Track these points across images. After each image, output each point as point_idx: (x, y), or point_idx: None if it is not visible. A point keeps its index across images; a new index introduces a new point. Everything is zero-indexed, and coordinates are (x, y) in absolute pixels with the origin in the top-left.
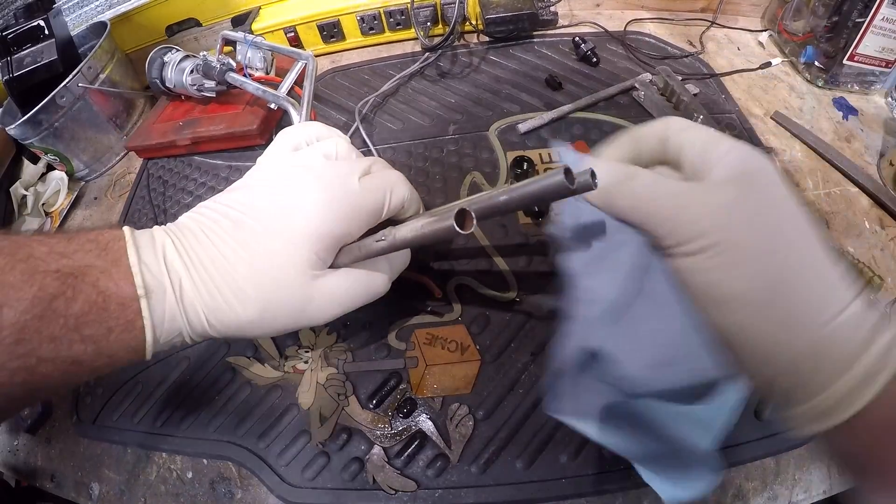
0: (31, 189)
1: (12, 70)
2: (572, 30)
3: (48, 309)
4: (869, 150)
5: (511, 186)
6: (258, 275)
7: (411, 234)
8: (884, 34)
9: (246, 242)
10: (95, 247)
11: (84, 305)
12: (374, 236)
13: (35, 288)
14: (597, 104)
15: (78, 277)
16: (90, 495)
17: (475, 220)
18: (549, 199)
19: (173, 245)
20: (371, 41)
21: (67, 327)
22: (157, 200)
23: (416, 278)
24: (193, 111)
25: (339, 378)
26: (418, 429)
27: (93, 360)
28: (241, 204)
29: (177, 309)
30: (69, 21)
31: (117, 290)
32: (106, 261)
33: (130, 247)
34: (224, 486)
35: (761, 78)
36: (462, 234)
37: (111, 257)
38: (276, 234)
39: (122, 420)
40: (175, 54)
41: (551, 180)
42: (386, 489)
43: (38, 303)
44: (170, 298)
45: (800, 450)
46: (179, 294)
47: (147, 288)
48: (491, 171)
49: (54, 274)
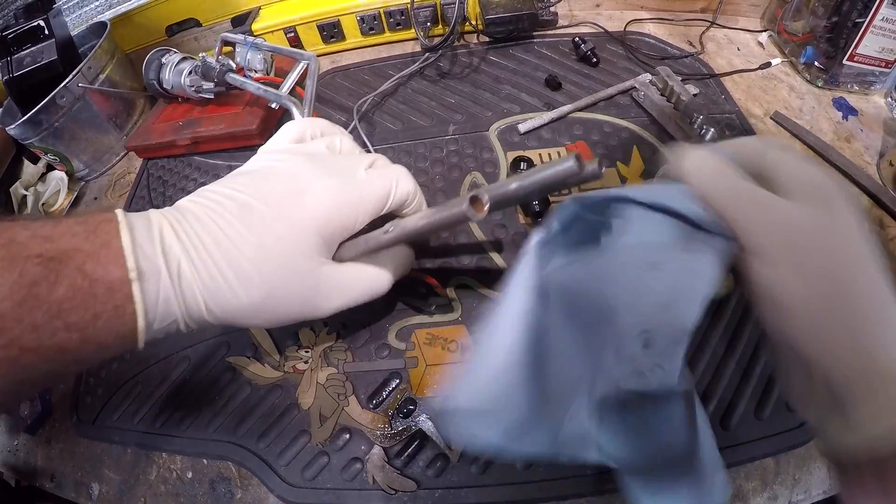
0: (31, 189)
1: (12, 70)
2: (572, 30)
3: (29, 295)
4: (869, 151)
5: (523, 173)
6: (265, 258)
7: (421, 221)
8: (884, 34)
9: (252, 225)
10: (84, 229)
11: (68, 291)
12: (380, 229)
13: (15, 274)
14: (597, 104)
15: (62, 262)
16: (90, 495)
17: (487, 204)
18: (560, 185)
19: (171, 227)
20: (371, 41)
21: (50, 314)
22: (157, 200)
23: (420, 276)
24: (193, 111)
25: (339, 378)
26: (418, 429)
27: (79, 348)
28: (246, 187)
29: (172, 293)
30: (69, 21)
31: (105, 273)
32: (94, 244)
33: (123, 228)
34: (224, 486)
35: (761, 78)
36: (475, 219)
37: (100, 240)
38: (284, 218)
39: (122, 420)
40: (173, 56)
41: (563, 166)
42: (386, 489)
43: (18, 289)
44: (165, 282)
45: (800, 450)
46: (177, 277)
47: (140, 270)
48: (491, 171)
49: (36, 259)
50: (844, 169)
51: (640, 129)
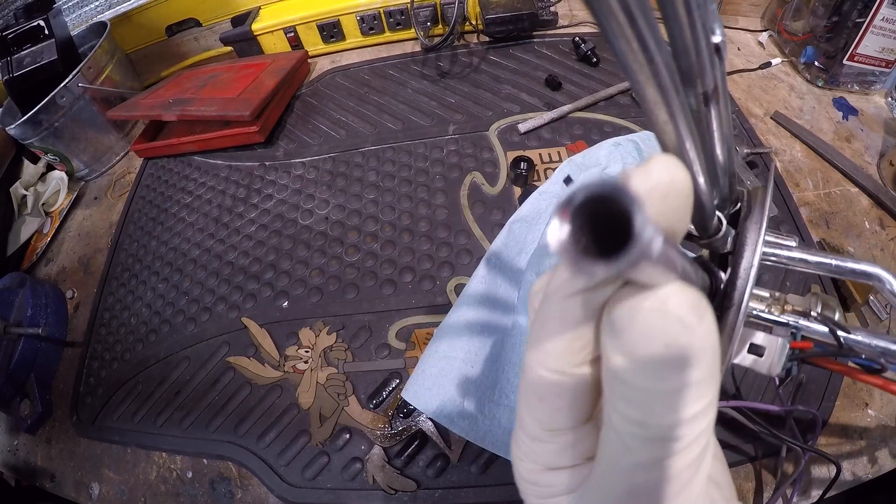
0: (31, 189)
1: (12, 70)
2: (572, 30)
3: None
4: (869, 150)
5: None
6: None
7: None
8: (884, 34)
9: None
10: None
11: None
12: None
13: None
14: (597, 104)
15: None
16: (90, 495)
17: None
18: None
19: None
20: (371, 41)
21: None
22: (157, 200)
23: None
24: (186, 92)
25: (339, 378)
26: (418, 429)
27: None
28: None
29: None
30: (69, 21)
31: None
32: None
33: None
34: (224, 486)
35: (761, 78)
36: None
37: None
38: None
39: (122, 420)
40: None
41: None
42: (386, 489)
43: None
44: None
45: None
46: None
47: None
48: (491, 170)
49: None
50: (844, 169)
51: (640, 128)
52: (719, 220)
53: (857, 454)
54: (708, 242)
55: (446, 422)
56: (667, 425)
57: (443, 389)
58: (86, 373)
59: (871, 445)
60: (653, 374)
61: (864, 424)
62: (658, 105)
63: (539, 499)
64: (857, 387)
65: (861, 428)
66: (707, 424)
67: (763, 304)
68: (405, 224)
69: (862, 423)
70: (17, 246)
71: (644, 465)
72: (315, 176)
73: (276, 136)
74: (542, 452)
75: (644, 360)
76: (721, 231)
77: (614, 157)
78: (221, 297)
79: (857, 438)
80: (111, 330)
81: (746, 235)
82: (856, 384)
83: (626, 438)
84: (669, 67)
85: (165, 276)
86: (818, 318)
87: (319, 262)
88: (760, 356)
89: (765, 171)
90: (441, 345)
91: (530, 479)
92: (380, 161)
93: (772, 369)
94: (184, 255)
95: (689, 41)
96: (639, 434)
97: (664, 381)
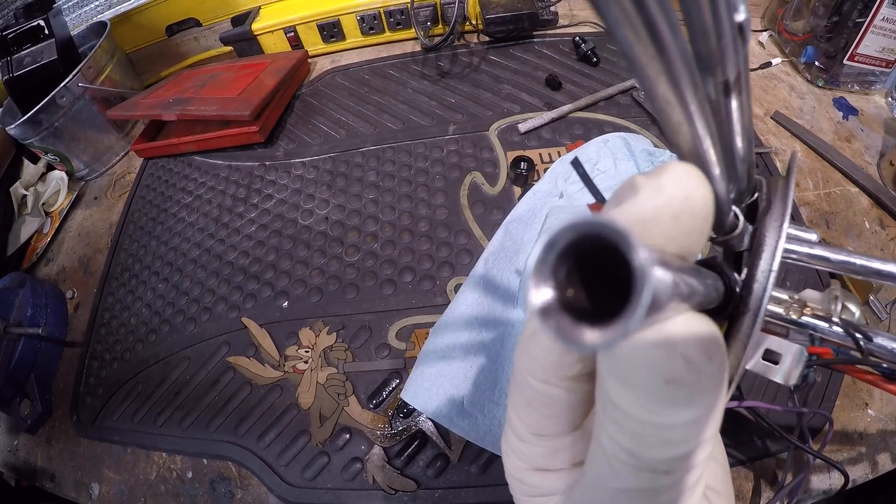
0: (31, 189)
1: (12, 70)
2: (572, 30)
3: None
4: (869, 150)
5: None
6: None
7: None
8: (884, 34)
9: None
10: None
11: None
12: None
13: None
14: (597, 104)
15: None
16: (90, 495)
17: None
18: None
19: None
20: (371, 41)
21: None
22: (157, 200)
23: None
24: (186, 92)
25: (339, 378)
26: (418, 429)
27: None
28: None
29: None
30: (69, 21)
31: None
32: None
33: None
34: (224, 486)
35: (761, 78)
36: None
37: None
38: None
39: (122, 420)
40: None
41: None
42: (386, 489)
43: None
44: None
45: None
46: None
47: None
48: (491, 170)
49: None
50: (844, 169)
51: (641, 128)
52: (736, 215)
53: (857, 454)
54: (723, 241)
55: (446, 422)
56: (658, 459)
57: (442, 389)
58: (86, 373)
59: (871, 446)
60: (649, 407)
61: (864, 424)
62: (671, 104)
63: (526, 496)
64: (857, 387)
65: (861, 428)
66: (703, 458)
67: (781, 306)
68: (405, 224)
69: (862, 424)
70: (17, 246)
71: (631, 493)
72: (315, 176)
73: (276, 136)
74: (528, 453)
75: (641, 391)
76: (738, 228)
77: (604, 152)
78: (221, 297)
79: (857, 438)
80: (111, 330)
81: (766, 234)
82: (856, 384)
83: (615, 463)
84: (685, 57)
85: (165, 276)
86: (839, 324)
87: (319, 262)
88: (776, 363)
89: (765, 172)
90: (439, 344)
91: (517, 477)
92: (380, 161)
93: (789, 378)
94: (184, 255)
95: (710, 21)
96: (628, 462)
97: (660, 416)
